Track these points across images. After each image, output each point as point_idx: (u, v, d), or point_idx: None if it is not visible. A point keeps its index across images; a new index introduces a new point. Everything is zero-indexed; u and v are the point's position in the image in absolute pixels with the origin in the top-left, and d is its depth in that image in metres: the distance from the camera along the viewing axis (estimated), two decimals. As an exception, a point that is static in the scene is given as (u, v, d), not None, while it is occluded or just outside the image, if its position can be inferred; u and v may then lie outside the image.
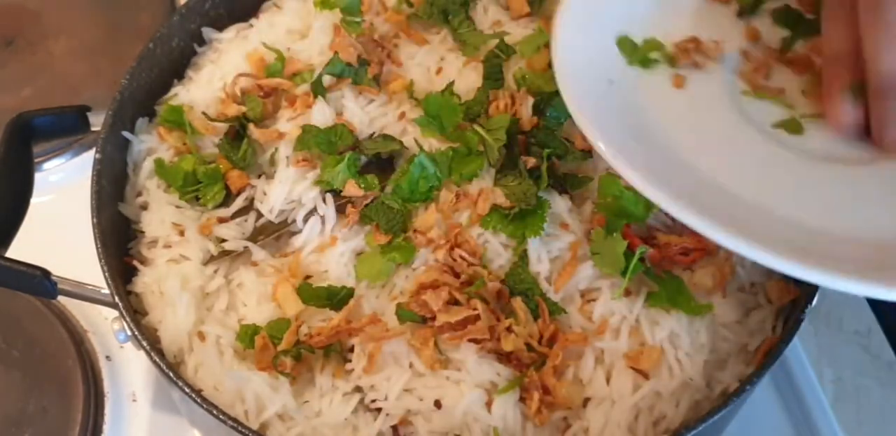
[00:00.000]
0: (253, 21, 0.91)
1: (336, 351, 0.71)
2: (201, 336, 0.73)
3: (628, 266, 0.71)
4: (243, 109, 0.81)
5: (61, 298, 0.78)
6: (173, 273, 0.75)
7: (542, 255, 0.73)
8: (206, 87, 0.86)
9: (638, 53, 0.75)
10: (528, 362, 0.70)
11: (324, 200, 0.76)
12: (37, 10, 1.19)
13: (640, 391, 0.69)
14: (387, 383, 0.69)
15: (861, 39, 0.63)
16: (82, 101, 0.82)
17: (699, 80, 0.73)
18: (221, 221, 0.78)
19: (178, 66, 0.89)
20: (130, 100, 0.82)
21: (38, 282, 0.71)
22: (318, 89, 0.82)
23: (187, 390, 0.67)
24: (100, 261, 0.72)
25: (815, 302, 0.71)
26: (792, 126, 0.70)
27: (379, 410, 0.69)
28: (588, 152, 0.78)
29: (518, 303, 0.70)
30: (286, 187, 0.77)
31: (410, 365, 0.70)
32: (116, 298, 0.71)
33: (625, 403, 0.69)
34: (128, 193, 0.82)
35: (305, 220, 0.76)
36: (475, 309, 0.69)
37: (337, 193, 0.76)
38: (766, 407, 0.93)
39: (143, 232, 0.80)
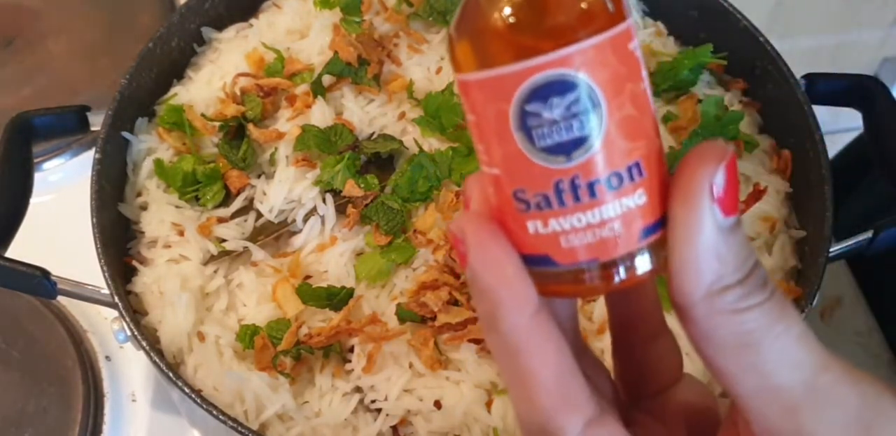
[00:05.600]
0: (253, 21, 0.91)
1: (336, 351, 0.71)
2: (201, 336, 0.72)
3: None
4: (242, 108, 0.81)
5: (61, 298, 0.78)
6: (173, 273, 0.75)
7: (541, 255, 0.73)
8: (205, 87, 0.86)
9: None
10: (528, 363, 0.69)
11: (323, 200, 0.76)
12: (36, 9, 1.18)
13: (640, 391, 0.69)
14: (387, 383, 0.69)
15: None
16: (82, 102, 0.82)
17: None
18: (221, 221, 0.78)
19: (178, 66, 0.89)
20: (130, 100, 0.82)
21: (38, 282, 0.71)
22: (318, 89, 0.82)
23: (187, 390, 0.67)
24: (100, 261, 0.72)
25: (815, 302, 0.71)
26: None
27: (379, 410, 0.69)
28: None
29: (518, 303, 0.70)
30: (286, 187, 0.77)
31: (410, 365, 0.70)
32: (116, 298, 0.71)
33: (625, 403, 0.69)
34: (128, 193, 0.82)
35: (305, 220, 0.76)
36: (475, 310, 0.69)
37: (337, 193, 0.76)
38: (766, 407, 0.92)
39: (142, 232, 0.80)
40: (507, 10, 0.32)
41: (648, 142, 0.33)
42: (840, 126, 0.99)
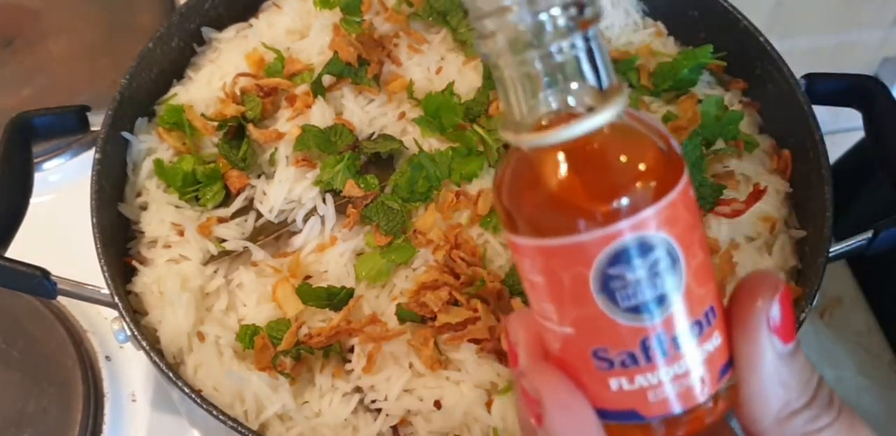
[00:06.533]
0: (253, 21, 0.91)
1: (336, 351, 0.71)
2: (201, 336, 0.72)
3: None
4: (242, 108, 0.81)
5: (61, 298, 0.78)
6: (173, 273, 0.75)
7: (542, 255, 0.73)
8: (205, 87, 0.86)
9: None
10: (528, 363, 0.69)
11: (323, 200, 0.76)
12: (36, 9, 1.19)
13: (640, 391, 0.69)
14: (387, 383, 0.69)
15: None
16: (82, 102, 0.82)
17: None
18: (221, 221, 0.78)
19: (178, 66, 0.89)
20: (130, 100, 0.82)
21: (38, 282, 0.71)
22: (318, 89, 0.82)
23: (187, 390, 0.67)
24: (100, 261, 0.72)
25: (815, 302, 0.71)
26: None
27: (379, 410, 0.69)
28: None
29: (518, 303, 0.70)
30: (286, 187, 0.77)
31: (410, 365, 0.70)
32: (116, 299, 0.71)
33: (625, 403, 0.68)
34: (128, 193, 0.82)
35: (305, 220, 0.76)
36: (475, 310, 0.69)
37: (337, 193, 0.76)
38: (766, 407, 0.92)
39: (142, 232, 0.80)
40: (579, 176, 0.30)
41: (714, 281, 0.33)
42: (840, 126, 0.98)
